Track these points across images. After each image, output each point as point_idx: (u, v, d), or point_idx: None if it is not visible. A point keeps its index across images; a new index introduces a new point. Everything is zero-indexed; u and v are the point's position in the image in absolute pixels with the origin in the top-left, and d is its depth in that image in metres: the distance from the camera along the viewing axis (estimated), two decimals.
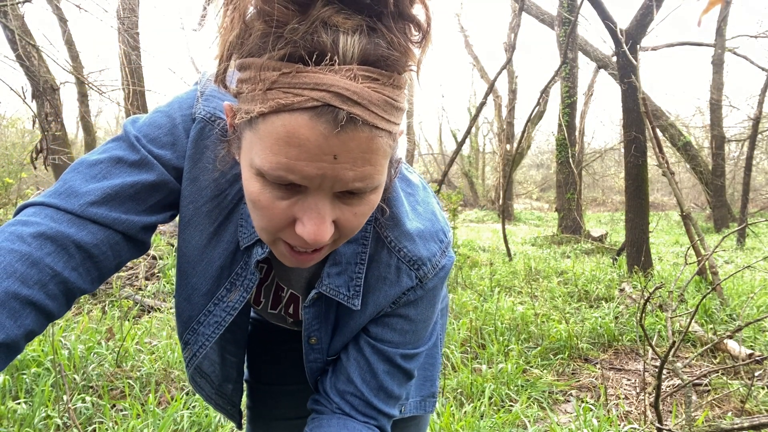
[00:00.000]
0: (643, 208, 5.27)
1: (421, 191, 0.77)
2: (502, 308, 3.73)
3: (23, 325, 0.53)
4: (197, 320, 0.75)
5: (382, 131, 0.50)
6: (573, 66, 9.84)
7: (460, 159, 21.65)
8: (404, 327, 0.75)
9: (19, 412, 1.97)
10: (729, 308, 3.72)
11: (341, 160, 0.48)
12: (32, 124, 4.30)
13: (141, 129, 0.66)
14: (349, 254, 0.71)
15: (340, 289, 0.71)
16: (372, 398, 0.75)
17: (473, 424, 2.14)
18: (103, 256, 0.61)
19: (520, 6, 7.33)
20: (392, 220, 0.71)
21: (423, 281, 0.73)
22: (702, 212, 14.74)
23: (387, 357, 0.75)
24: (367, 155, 0.50)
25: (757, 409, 2.33)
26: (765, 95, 9.64)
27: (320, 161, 0.48)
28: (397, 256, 0.71)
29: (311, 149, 0.47)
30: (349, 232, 0.58)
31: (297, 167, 0.49)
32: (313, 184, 0.50)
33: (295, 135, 0.47)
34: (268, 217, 0.54)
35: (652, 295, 1.65)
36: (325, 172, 0.49)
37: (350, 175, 0.50)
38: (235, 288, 0.73)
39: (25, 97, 3.71)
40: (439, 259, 0.73)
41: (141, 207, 0.64)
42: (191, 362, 0.80)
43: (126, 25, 7.24)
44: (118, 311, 3.54)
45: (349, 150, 0.48)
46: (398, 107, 0.51)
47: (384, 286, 0.72)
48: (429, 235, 0.73)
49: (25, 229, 0.57)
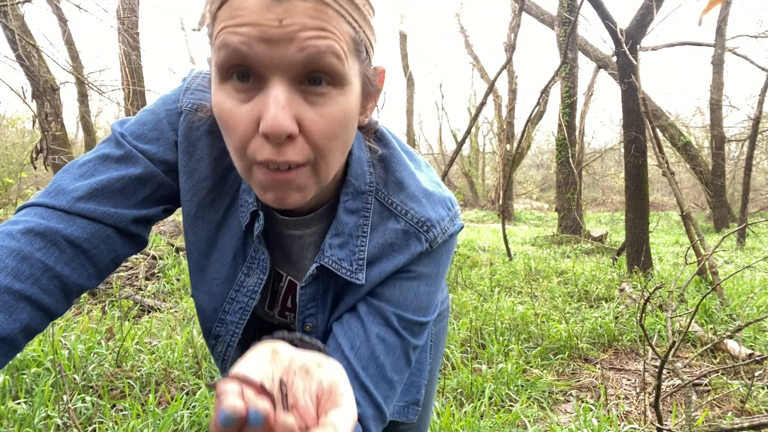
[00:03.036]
0: (643, 208, 5.27)
1: (424, 167, 0.76)
2: (502, 308, 3.73)
3: (19, 319, 0.53)
4: (223, 310, 0.74)
5: (330, 7, 0.49)
6: (573, 66, 9.84)
7: (460, 159, 21.66)
8: (404, 283, 0.69)
9: (19, 412, 1.97)
10: (729, 308, 3.72)
11: (287, 23, 0.47)
12: (32, 124, 4.30)
13: (127, 128, 0.68)
14: (351, 225, 0.68)
15: (342, 263, 0.67)
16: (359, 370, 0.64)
17: (473, 424, 2.14)
18: (96, 250, 0.61)
19: (520, 6, 7.33)
20: (397, 185, 0.69)
21: (433, 245, 0.69)
22: (702, 212, 14.75)
23: (382, 315, 0.67)
24: (318, 21, 0.48)
25: (757, 409, 2.33)
26: (765, 95, 9.63)
27: (264, 25, 0.47)
28: (405, 219, 0.68)
29: (253, 17, 0.48)
30: (320, 141, 0.53)
31: (241, 31, 0.48)
32: (264, 60, 0.49)
33: (238, 9, 0.48)
34: (233, 126, 0.52)
35: (652, 295, 1.65)
36: (271, 35, 0.48)
37: (301, 35, 0.48)
38: (252, 271, 0.72)
39: (25, 97, 3.71)
40: (447, 225, 0.70)
41: (130, 201, 0.64)
42: (226, 355, 0.78)
43: (126, 25, 7.24)
44: (118, 311, 3.54)
45: (293, 15, 0.47)
46: (352, 1, 0.51)
47: (392, 252, 0.68)
48: (437, 198, 0.71)
49: (14, 227, 0.57)
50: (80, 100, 9.70)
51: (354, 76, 0.54)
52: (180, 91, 0.70)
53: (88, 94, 9.67)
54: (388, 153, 0.71)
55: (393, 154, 0.71)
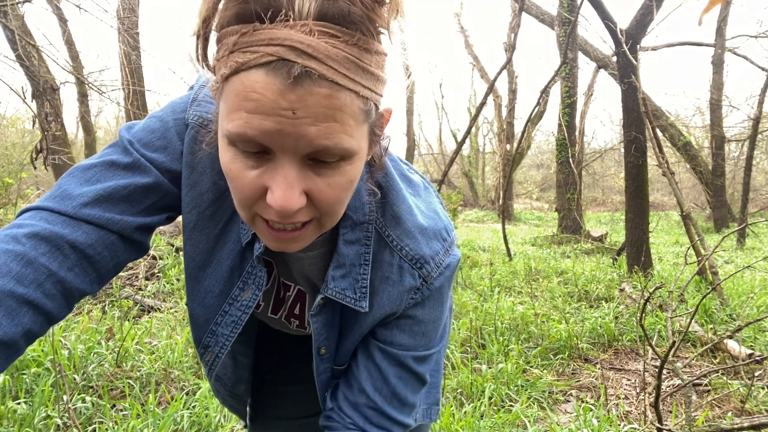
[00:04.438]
0: (643, 208, 5.27)
1: (423, 191, 0.77)
2: (502, 308, 3.73)
3: (21, 323, 0.53)
4: (215, 322, 0.76)
5: (344, 89, 0.48)
6: (573, 66, 9.84)
7: (460, 159, 21.66)
8: (413, 328, 0.73)
9: (19, 412, 1.97)
10: (729, 308, 3.72)
11: (300, 115, 0.47)
12: (32, 124, 4.30)
13: (135, 134, 0.67)
14: (352, 255, 0.70)
15: (346, 293, 0.70)
16: (386, 407, 0.73)
17: (473, 424, 2.14)
18: (100, 256, 0.61)
19: (520, 6, 7.33)
20: (393, 219, 0.70)
21: (427, 280, 0.71)
22: (702, 212, 14.75)
23: (398, 360, 0.73)
24: (330, 111, 0.48)
25: (757, 409, 2.33)
26: (765, 95, 9.64)
27: (278, 116, 0.47)
28: (399, 255, 0.70)
29: (267, 104, 0.47)
30: (326, 206, 0.55)
31: (255, 122, 0.48)
32: (275, 144, 0.49)
33: (251, 90, 0.47)
34: (240, 188, 0.53)
35: (652, 295, 1.65)
36: (284, 127, 0.47)
37: (312, 131, 0.48)
38: (247, 287, 0.73)
39: (25, 97, 3.71)
40: (442, 258, 0.72)
41: (135, 208, 0.65)
42: (213, 365, 0.80)
43: (126, 25, 7.23)
44: (118, 311, 3.54)
45: (307, 105, 0.47)
46: (366, 69, 0.49)
47: (387, 286, 0.71)
48: (432, 233, 0.72)
49: (19, 231, 0.57)
50: (80, 100, 9.71)
51: (361, 142, 0.54)
52: (188, 101, 0.69)
53: (88, 94, 9.67)
54: (386, 182, 0.71)
55: (391, 184, 0.71)
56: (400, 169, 0.75)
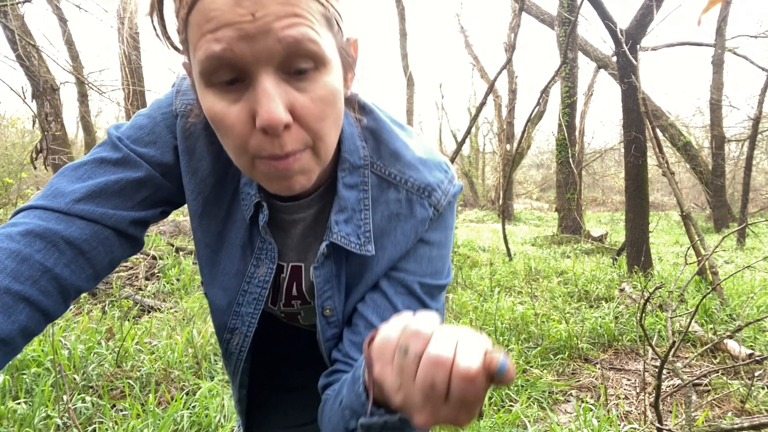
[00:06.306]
0: (643, 208, 5.28)
1: (415, 135, 0.76)
2: (502, 308, 3.73)
3: (17, 320, 0.53)
4: (237, 302, 0.75)
5: None
6: (573, 66, 9.84)
7: (460, 159, 21.66)
8: (418, 251, 0.71)
9: (19, 412, 1.97)
10: (729, 308, 3.72)
11: (260, 15, 0.48)
12: (32, 124, 4.31)
13: (124, 132, 0.68)
14: (353, 200, 0.69)
15: (350, 238, 0.68)
16: None
17: (473, 423, 2.14)
18: (95, 251, 0.62)
19: (520, 6, 7.33)
20: (392, 156, 0.70)
21: (438, 208, 0.70)
22: (702, 212, 14.75)
23: (405, 286, 0.70)
24: (288, 8, 0.49)
25: (757, 409, 2.33)
26: (765, 95, 9.63)
27: (238, 23, 0.48)
28: (405, 188, 0.69)
29: (226, 16, 0.48)
30: (313, 124, 0.54)
31: (219, 35, 0.48)
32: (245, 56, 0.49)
33: (209, 11, 0.48)
34: (230, 128, 0.53)
35: (652, 295, 1.65)
36: (247, 30, 0.48)
37: (276, 25, 0.48)
38: (261, 262, 0.73)
39: (25, 97, 3.72)
40: (447, 187, 0.71)
41: (128, 203, 0.65)
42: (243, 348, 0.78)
43: (126, 25, 7.23)
44: (118, 311, 3.54)
45: (264, 5, 0.48)
46: None
47: (399, 223, 0.69)
48: (432, 164, 0.71)
49: (13, 229, 0.57)
50: (80, 100, 9.71)
51: (331, 51, 0.54)
52: (172, 95, 0.70)
53: (88, 94, 9.68)
54: (376, 125, 0.71)
55: (382, 126, 0.71)
56: (389, 116, 0.75)
